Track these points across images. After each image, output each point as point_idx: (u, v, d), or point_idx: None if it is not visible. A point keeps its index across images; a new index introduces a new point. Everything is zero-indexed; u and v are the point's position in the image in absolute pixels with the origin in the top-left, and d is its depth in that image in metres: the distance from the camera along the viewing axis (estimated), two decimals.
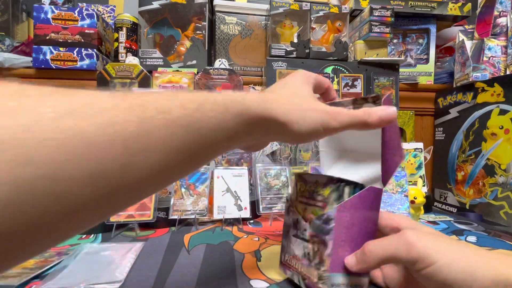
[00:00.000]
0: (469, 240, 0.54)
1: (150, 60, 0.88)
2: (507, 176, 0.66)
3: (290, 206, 0.37)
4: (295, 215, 0.36)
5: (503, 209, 0.66)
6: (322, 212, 0.32)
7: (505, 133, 0.67)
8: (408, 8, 0.95)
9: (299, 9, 0.89)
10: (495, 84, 0.71)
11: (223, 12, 0.92)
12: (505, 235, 0.57)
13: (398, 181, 0.63)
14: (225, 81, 0.86)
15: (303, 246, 0.34)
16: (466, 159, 0.77)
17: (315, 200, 0.34)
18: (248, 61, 0.95)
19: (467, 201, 0.75)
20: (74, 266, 0.40)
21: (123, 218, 0.54)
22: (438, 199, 0.87)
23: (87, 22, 0.81)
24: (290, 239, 0.36)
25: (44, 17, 0.79)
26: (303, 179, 0.37)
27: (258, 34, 0.95)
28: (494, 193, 0.68)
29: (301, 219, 0.35)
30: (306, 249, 0.33)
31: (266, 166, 0.69)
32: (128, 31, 0.90)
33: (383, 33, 0.88)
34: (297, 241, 0.35)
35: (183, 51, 0.91)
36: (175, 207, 0.58)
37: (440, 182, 0.86)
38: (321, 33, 0.95)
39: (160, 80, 0.84)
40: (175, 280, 0.38)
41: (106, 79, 0.80)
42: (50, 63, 0.79)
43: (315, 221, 0.32)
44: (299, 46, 0.88)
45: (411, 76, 0.99)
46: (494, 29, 0.82)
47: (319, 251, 0.31)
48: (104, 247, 0.47)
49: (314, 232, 0.32)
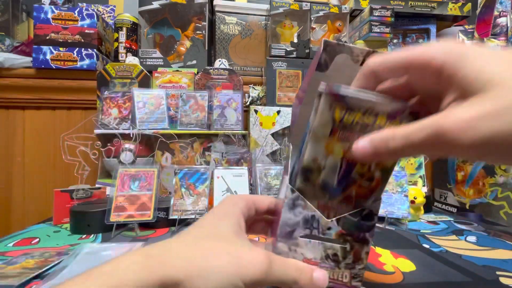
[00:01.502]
0: (469, 240, 0.54)
1: (150, 60, 0.88)
2: (507, 176, 0.66)
3: (298, 198, 0.27)
4: (307, 209, 0.27)
5: (503, 209, 0.66)
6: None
7: None
8: (408, 8, 0.95)
9: (299, 9, 0.89)
10: None
11: (223, 12, 0.92)
12: (505, 235, 0.57)
13: (398, 181, 0.63)
14: (225, 81, 0.86)
15: (323, 247, 0.27)
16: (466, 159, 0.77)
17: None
18: (248, 61, 0.95)
19: (467, 201, 0.75)
20: (74, 266, 0.40)
21: (123, 218, 0.54)
22: (438, 199, 0.87)
23: (87, 22, 0.81)
24: (295, 241, 0.27)
25: (44, 17, 0.79)
26: (343, 103, 0.22)
27: (258, 34, 0.95)
28: (494, 193, 0.68)
29: (318, 216, 0.26)
30: (330, 250, 0.27)
31: (266, 166, 0.69)
32: (128, 31, 0.90)
33: (383, 33, 0.88)
34: (310, 243, 0.27)
35: (183, 51, 0.91)
36: (175, 207, 0.58)
37: (440, 182, 0.86)
38: (321, 33, 0.95)
39: (160, 80, 0.84)
40: None
41: (106, 79, 0.80)
42: (50, 63, 0.79)
43: (350, 218, 0.26)
44: (299, 46, 0.88)
45: None
46: (494, 29, 0.82)
47: (353, 249, 0.27)
48: (104, 247, 0.47)
49: (347, 230, 0.26)
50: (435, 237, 0.55)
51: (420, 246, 0.50)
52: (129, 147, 0.74)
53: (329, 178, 0.25)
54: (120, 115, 0.78)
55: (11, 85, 0.81)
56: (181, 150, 0.81)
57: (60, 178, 0.84)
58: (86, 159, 0.70)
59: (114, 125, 0.76)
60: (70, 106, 0.85)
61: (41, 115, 0.84)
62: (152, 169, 0.60)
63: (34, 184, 0.84)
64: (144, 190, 0.58)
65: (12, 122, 0.83)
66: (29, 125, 0.84)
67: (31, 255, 0.43)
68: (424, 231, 0.58)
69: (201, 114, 0.80)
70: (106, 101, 0.78)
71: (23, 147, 0.83)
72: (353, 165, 0.24)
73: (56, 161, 0.84)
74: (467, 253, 0.47)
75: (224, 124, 0.81)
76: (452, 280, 0.38)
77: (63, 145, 0.70)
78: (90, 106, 0.84)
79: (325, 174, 0.25)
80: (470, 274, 0.39)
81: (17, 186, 0.83)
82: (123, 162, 0.72)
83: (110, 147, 0.74)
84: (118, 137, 0.74)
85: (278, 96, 0.86)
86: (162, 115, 0.78)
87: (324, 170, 0.25)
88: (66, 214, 0.60)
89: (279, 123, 0.83)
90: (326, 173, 0.25)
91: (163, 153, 0.80)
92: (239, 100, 0.83)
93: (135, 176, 0.59)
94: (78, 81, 0.83)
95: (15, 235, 0.54)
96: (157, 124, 0.77)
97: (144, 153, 0.78)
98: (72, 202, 0.62)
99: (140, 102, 0.77)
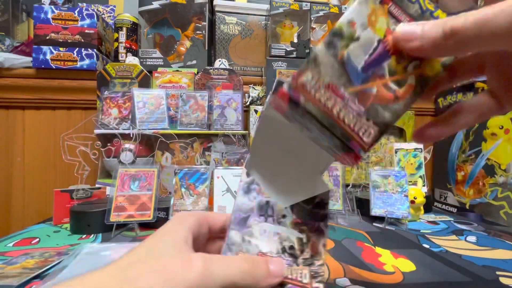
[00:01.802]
0: (469, 240, 0.54)
1: (150, 60, 0.88)
2: (507, 176, 0.66)
3: (253, 182, 0.26)
4: (261, 194, 0.26)
5: (503, 209, 0.66)
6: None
7: (505, 133, 0.67)
8: None
9: (299, 9, 0.89)
10: None
11: (223, 12, 0.92)
12: (505, 235, 0.57)
13: (398, 181, 0.63)
14: (225, 81, 0.86)
15: (279, 239, 0.25)
16: (466, 159, 0.77)
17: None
18: (248, 61, 0.95)
19: (467, 201, 0.75)
20: (74, 266, 0.40)
21: (123, 218, 0.54)
22: (438, 199, 0.87)
23: (87, 22, 0.81)
24: (249, 230, 0.26)
25: (44, 17, 0.79)
26: None
27: (258, 34, 0.95)
28: (494, 193, 0.68)
29: (273, 203, 0.25)
30: (286, 242, 0.25)
31: None
32: (128, 31, 0.90)
33: None
34: (265, 233, 0.25)
35: (183, 51, 0.91)
36: (175, 207, 0.58)
37: (440, 182, 0.86)
38: (321, 33, 0.95)
39: (160, 80, 0.84)
40: None
41: (106, 79, 0.80)
42: (50, 63, 0.79)
43: (303, 205, 0.25)
44: (299, 46, 0.88)
45: None
46: None
47: (310, 241, 0.25)
48: (104, 247, 0.47)
49: (302, 219, 0.25)
50: (435, 237, 0.55)
51: (420, 246, 0.50)
52: (129, 147, 0.74)
53: (357, 55, 0.20)
54: (120, 115, 0.78)
55: (11, 85, 0.81)
56: (181, 150, 0.81)
57: (60, 178, 0.84)
58: (86, 159, 0.70)
59: (114, 125, 0.76)
60: (70, 106, 0.85)
61: (41, 115, 0.84)
62: (152, 169, 0.60)
63: (34, 184, 0.84)
64: (144, 190, 0.58)
65: (12, 122, 0.83)
66: (29, 125, 0.84)
67: (31, 255, 0.43)
68: (424, 231, 0.58)
69: (201, 114, 0.80)
70: (106, 101, 0.78)
71: (23, 147, 0.83)
72: (389, 54, 0.20)
73: (56, 161, 0.84)
74: (467, 253, 0.47)
75: (224, 124, 0.81)
76: (452, 280, 0.38)
77: (63, 145, 0.70)
78: (90, 106, 0.84)
79: (354, 47, 0.20)
80: (470, 274, 0.39)
81: (17, 186, 0.83)
82: (123, 162, 0.72)
83: (110, 147, 0.74)
84: (118, 137, 0.74)
85: None
86: (162, 115, 0.78)
87: (356, 42, 0.20)
88: (66, 214, 0.60)
89: None
90: (356, 47, 0.20)
91: (163, 153, 0.80)
92: (239, 100, 0.83)
93: (135, 176, 0.59)
94: (78, 81, 0.83)
95: (15, 235, 0.54)
96: (157, 124, 0.77)
97: (144, 153, 0.78)
98: (72, 202, 0.62)
99: (140, 102, 0.77)
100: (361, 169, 0.85)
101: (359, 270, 0.40)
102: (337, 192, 0.66)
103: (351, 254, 0.46)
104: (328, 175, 0.67)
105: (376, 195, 0.63)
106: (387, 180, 0.64)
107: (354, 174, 0.83)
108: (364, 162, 0.86)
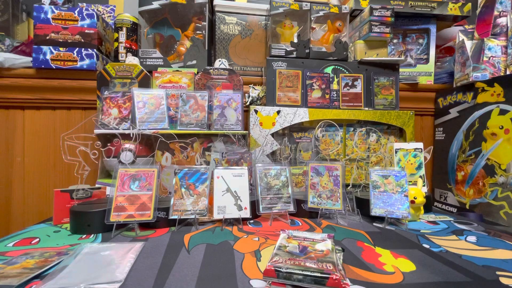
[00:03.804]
0: (469, 240, 0.54)
1: (150, 60, 0.88)
2: (507, 176, 0.66)
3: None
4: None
5: (503, 209, 0.66)
6: None
7: (505, 133, 0.67)
8: (408, 8, 0.95)
9: (299, 9, 0.89)
10: (495, 84, 0.71)
11: (223, 12, 0.92)
12: (505, 235, 0.57)
13: (398, 181, 0.63)
14: (225, 81, 0.86)
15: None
16: (466, 159, 0.77)
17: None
18: (248, 61, 0.95)
19: (467, 201, 0.75)
20: (74, 266, 0.40)
21: (123, 218, 0.54)
22: (438, 199, 0.87)
23: (87, 22, 0.81)
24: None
25: (44, 17, 0.79)
26: None
27: (258, 34, 0.95)
28: (494, 193, 0.68)
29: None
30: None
31: (266, 166, 0.69)
32: (128, 31, 0.90)
33: (383, 33, 0.88)
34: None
35: (183, 51, 0.91)
36: (175, 207, 0.58)
37: (440, 182, 0.86)
38: (321, 33, 0.95)
39: (160, 80, 0.84)
40: (175, 280, 0.38)
41: (106, 79, 0.80)
42: (50, 63, 0.79)
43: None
44: (299, 46, 0.88)
45: (411, 76, 0.99)
46: (494, 29, 0.82)
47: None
48: (104, 247, 0.47)
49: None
50: (435, 237, 0.55)
51: (420, 246, 0.50)
52: (129, 147, 0.74)
53: None
54: (120, 115, 0.78)
55: (11, 85, 0.81)
56: (181, 150, 0.81)
57: (60, 178, 0.84)
58: (86, 159, 0.70)
59: (114, 125, 0.76)
60: (70, 106, 0.85)
61: (41, 115, 0.84)
62: (152, 169, 0.60)
63: (34, 184, 0.84)
64: (144, 190, 0.58)
65: (12, 122, 0.83)
66: (29, 125, 0.84)
67: (31, 255, 0.43)
68: (424, 231, 0.58)
69: (201, 114, 0.80)
70: (106, 101, 0.78)
71: (23, 147, 0.83)
72: None
73: (56, 161, 0.84)
74: (467, 253, 0.47)
75: (224, 124, 0.81)
76: (452, 280, 0.38)
77: (63, 145, 0.70)
78: (90, 106, 0.84)
79: None
80: (470, 274, 0.39)
81: (17, 186, 0.83)
82: (123, 162, 0.72)
83: (110, 147, 0.74)
84: (118, 137, 0.74)
85: (278, 96, 0.86)
86: (162, 115, 0.78)
87: None
88: (66, 214, 0.60)
89: (279, 123, 0.83)
90: None
91: (163, 153, 0.80)
92: (239, 100, 0.83)
93: (135, 176, 0.59)
94: (78, 81, 0.83)
95: (15, 235, 0.54)
96: (157, 124, 0.77)
97: (144, 153, 0.78)
98: (72, 202, 0.62)
99: (140, 102, 0.77)
100: (361, 169, 0.85)
101: (359, 270, 0.40)
102: (337, 192, 0.66)
103: (351, 254, 0.46)
104: (328, 175, 0.67)
105: (376, 195, 0.63)
106: (387, 180, 0.64)
107: (354, 174, 0.83)
108: (364, 162, 0.86)
